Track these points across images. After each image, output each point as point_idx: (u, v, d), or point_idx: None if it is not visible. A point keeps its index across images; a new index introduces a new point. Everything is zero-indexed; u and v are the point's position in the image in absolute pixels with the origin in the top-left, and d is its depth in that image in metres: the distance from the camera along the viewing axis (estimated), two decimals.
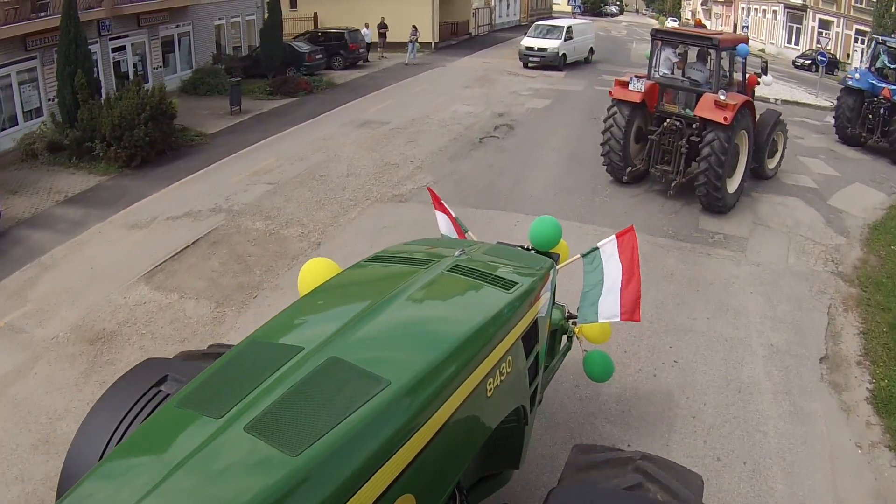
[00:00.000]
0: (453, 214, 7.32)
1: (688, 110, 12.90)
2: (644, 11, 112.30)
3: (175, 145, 18.59)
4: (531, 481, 6.51)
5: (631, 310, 6.12)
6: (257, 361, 3.87)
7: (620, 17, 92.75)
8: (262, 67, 27.60)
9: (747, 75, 14.38)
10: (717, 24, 72.49)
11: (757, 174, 15.39)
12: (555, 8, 76.93)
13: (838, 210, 14.98)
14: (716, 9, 73.91)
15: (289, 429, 3.27)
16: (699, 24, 18.47)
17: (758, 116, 14.53)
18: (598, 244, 6.40)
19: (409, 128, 20.86)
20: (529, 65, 33.65)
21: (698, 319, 10.01)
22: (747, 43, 13.91)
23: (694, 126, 12.81)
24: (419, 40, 35.79)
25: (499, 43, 44.49)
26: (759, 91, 18.41)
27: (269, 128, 21.09)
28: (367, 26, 34.82)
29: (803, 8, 48.88)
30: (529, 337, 5.09)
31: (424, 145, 18.91)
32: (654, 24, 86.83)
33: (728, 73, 13.54)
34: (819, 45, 46.23)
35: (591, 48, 37.20)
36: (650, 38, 14.11)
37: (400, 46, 34.92)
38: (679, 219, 13.72)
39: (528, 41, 34.27)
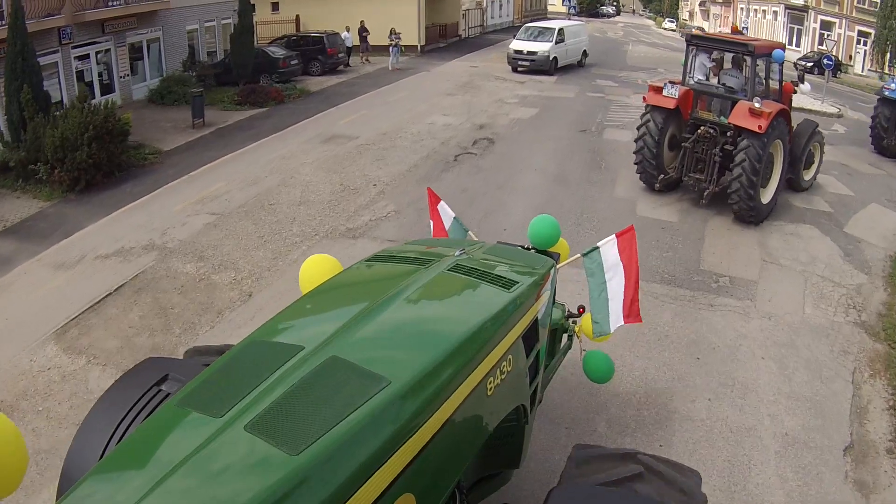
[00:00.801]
0: (453, 214, 7.28)
1: (722, 118, 12.63)
2: (641, 12, 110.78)
3: (125, 165, 16.95)
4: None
5: (634, 312, 6.14)
6: (257, 361, 3.81)
7: (617, 18, 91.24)
8: (235, 75, 26.10)
9: (783, 83, 13.95)
10: (716, 26, 70.76)
11: (792, 186, 14.78)
12: (550, 9, 75.19)
13: (856, 239, 13.28)
14: (714, 9, 72.12)
15: (289, 428, 3.22)
16: (735, 31, 18.36)
17: (794, 126, 14.07)
18: (599, 244, 6.38)
19: (378, 143, 19.13)
20: (519, 69, 31.96)
21: (697, 402, 8.12)
22: (783, 49, 13.53)
23: (728, 134, 12.48)
24: (402, 43, 34.11)
25: (489, 46, 42.73)
26: None
27: (229, 143, 19.37)
28: (347, 30, 33.21)
29: (804, 9, 47.49)
30: (530, 336, 5.05)
31: (392, 165, 17.17)
32: (651, 24, 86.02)
33: (763, 81, 13.11)
34: (822, 48, 44.78)
35: (585, 51, 35.44)
36: (685, 44, 13.80)
37: (385, 50, 33.22)
38: (677, 258, 11.94)
39: (516, 44, 32.53)
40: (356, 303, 4.61)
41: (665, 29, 76.90)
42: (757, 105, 11.93)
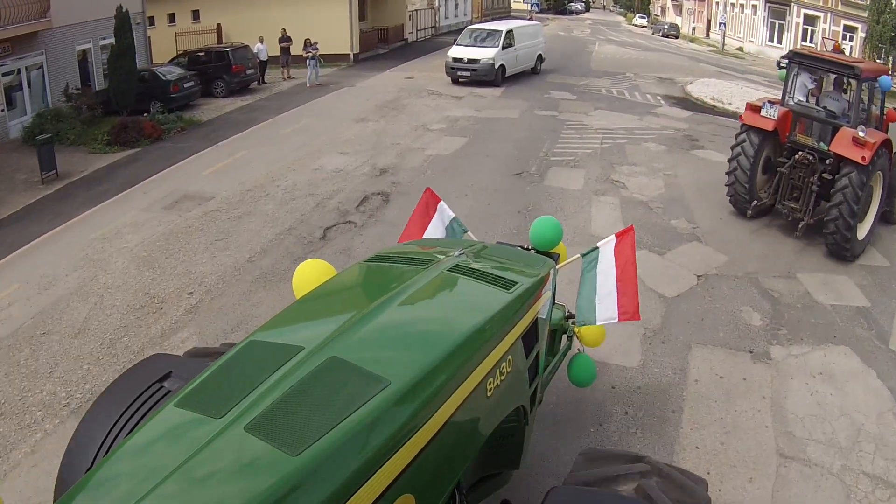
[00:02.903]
0: (452, 215, 7.21)
1: (822, 144, 11.98)
2: (612, 8, 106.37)
3: None
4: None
5: (631, 310, 6.14)
6: (257, 361, 3.75)
7: (586, 15, 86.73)
8: (115, 105, 21.85)
9: (885, 110, 12.85)
10: (690, 21, 66.13)
11: (886, 219, 13.49)
12: (515, 6, 70.29)
13: None
14: (687, 4, 67.42)
15: (289, 429, 3.18)
16: (838, 49, 15.79)
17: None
18: (598, 244, 6.45)
19: (234, 208, 14.06)
20: (460, 80, 26.83)
21: None
22: (889, 75, 12.62)
23: (827, 162, 11.82)
24: (331, 52, 30.95)
25: (437, 50, 37.59)
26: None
27: (64, 212, 14.47)
28: (261, 40, 28.40)
29: (787, 2, 43.94)
30: (530, 337, 4.98)
31: (233, 249, 12.07)
32: (622, 21, 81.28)
33: (867, 107, 12.16)
34: (808, 45, 40.87)
35: (540, 55, 30.58)
36: (787, 61, 13.25)
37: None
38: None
39: (456, 51, 27.55)
40: (356, 303, 4.59)
41: (636, 25, 72.64)
42: (861, 134, 11.16)
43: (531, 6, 53.49)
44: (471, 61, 26.67)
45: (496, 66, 26.57)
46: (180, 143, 19.66)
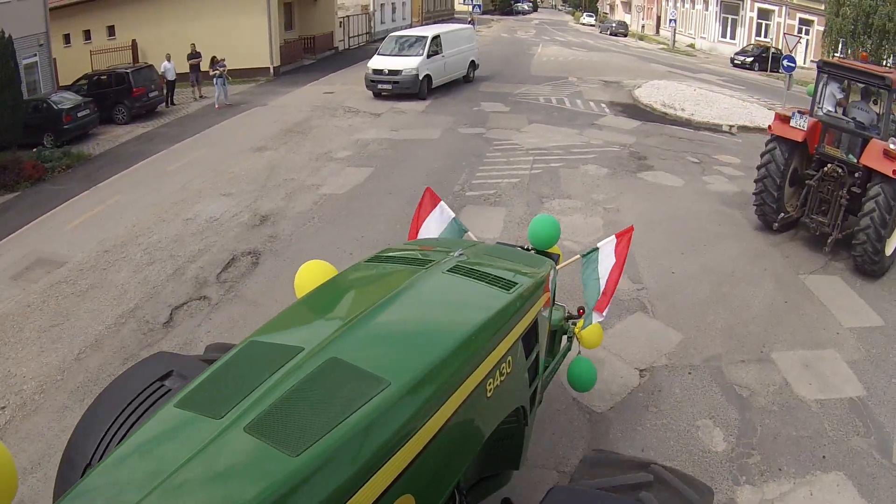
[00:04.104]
0: (452, 215, 7.21)
1: (850, 156, 11.45)
2: (560, 7, 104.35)
3: None
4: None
5: (604, 306, 6.24)
6: (257, 362, 3.74)
7: (533, 15, 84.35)
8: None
9: None
10: (639, 19, 63.98)
11: None
12: (458, 8, 67.59)
13: None
14: (636, 1, 65.34)
15: (289, 429, 3.17)
16: (865, 59, 14.66)
17: None
18: (599, 244, 6.43)
19: (85, 276, 11.21)
20: (382, 93, 23.84)
21: None
22: None
23: (856, 175, 11.27)
24: (249, 66, 29.00)
25: (368, 59, 34.08)
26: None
27: None
28: (168, 58, 25.36)
29: None
30: (530, 337, 4.95)
31: (65, 341, 9.34)
32: (570, 20, 78.90)
33: None
34: (762, 39, 39.03)
35: (473, 62, 27.66)
36: (816, 70, 12.35)
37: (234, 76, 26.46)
38: None
39: (376, 61, 24.62)
40: (356, 304, 4.59)
41: (584, 24, 70.33)
42: (892, 146, 10.65)
43: (472, 8, 50.52)
44: (392, 72, 23.76)
45: (420, 77, 23.68)
46: (61, 184, 16.53)
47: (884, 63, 30.42)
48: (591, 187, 14.19)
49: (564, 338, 6.83)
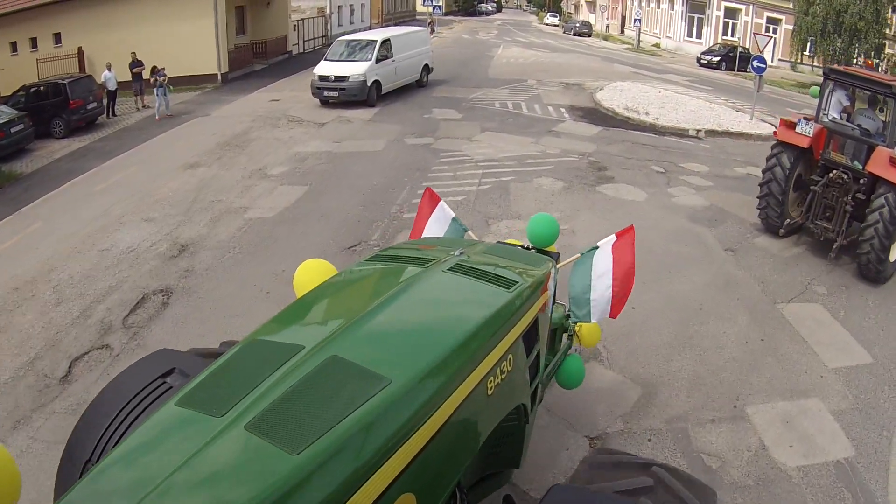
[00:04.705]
0: (452, 214, 7.08)
1: (855, 163, 11.43)
2: (525, 7, 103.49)
3: None
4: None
5: (618, 308, 6.07)
6: (258, 360, 3.73)
7: (497, 16, 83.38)
8: None
9: None
10: (604, 18, 63.11)
11: None
12: (420, 9, 66.25)
13: None
14: (601, 1, 64.38)
15: (289, 427, 3.15)
16: (870, 66, 14.95)
17: None
18: (599, 243, 6.27)
19: None
20: (330, 101, 22.39)
21: None
22: None
23: (861, 181, 11.25)
24: (196, 73, 27.46)
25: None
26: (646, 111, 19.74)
27: None
28: (109, 67, 23.73)
29: None
30: (530, 335, 4.88)
31: None
32: (533, 20, 77.83)
33: None
34: (729, 39, 38.33)
35: (427, 65, 26.28)
36: (822, 77, 12.40)
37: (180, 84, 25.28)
38: None
39: (322, 67, 23.13)
40: (356, 302, 4.56)
41: (547, 24, 69.31)
42: None
43: (432, 9, 49.22)
44: (338, 79, 22.28)
45: (369, 83, 22.23)
46: None
47: (854, 63, 29.80)
48: (544, 204, 12.82)
49: (565, 336, 6.67)
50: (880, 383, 8.21)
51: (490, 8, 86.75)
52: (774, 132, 12.49)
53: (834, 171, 11.68)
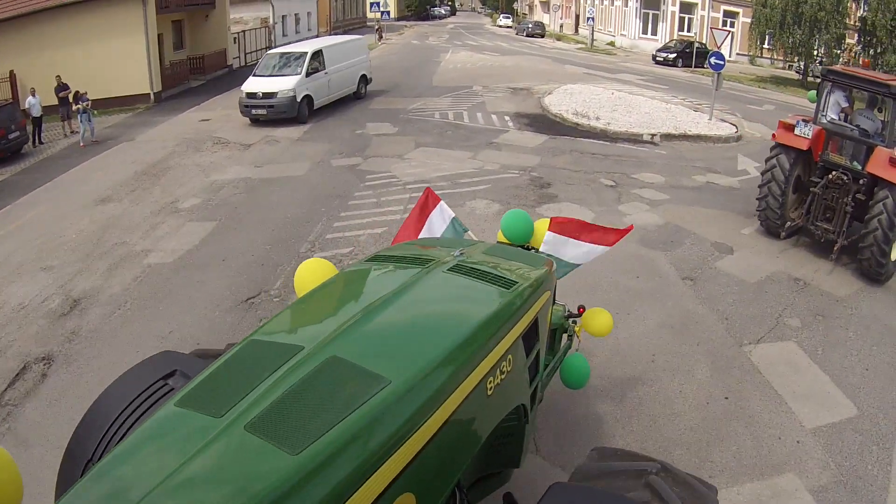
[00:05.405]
0: (452, 214, 7.13)
1: (855, 163, 11.44)
2: (480, 9, 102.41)
3: None
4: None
5: (610, 238, 6.57)
6: (258, 360, 3.71)
7: (451, 19, 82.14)
8: None
9: None
10: (558, 18, 61.97)
11: None
12: (370, 15, 64.59)
13: None
14: (554, 0, 63.25)
15: (289, 428, 3.14)
16: (867, 66, 14.18)
17: None
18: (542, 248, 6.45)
19: None
20: (259, 119, 20.73)
21: None
22: None
23: (861, 182, 11.23)
24: (126, 93, 25.75)
25: None
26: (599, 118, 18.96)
27: None
28: (33, 93, 21.76)
29: None
30: (530, 336, 4.89)
31: None
32: (487, 22, 76.57)
33: None
34: (686, 34, 37.42)
35: (365, 76, 24.66)
36: (820, 78, 12.31)
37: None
38: None
39: (250, 84, 21.41)
40: (356, 303, 4.50)
41: (500, 26, 68.16)
42: None
43: (380, 15, 47.68)
44: (266, 95, 20.59)
45: (298, 99, 20.60)
46: None
47: (815, 56, 28.81)
48: (476, 232, 11.26)
49: (565, 336, 6.58)
50: (867, 442, 6.85)
51: (443, 11, 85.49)
52: (773, 135, 12.39)
53: (833, 173, 11.59)
